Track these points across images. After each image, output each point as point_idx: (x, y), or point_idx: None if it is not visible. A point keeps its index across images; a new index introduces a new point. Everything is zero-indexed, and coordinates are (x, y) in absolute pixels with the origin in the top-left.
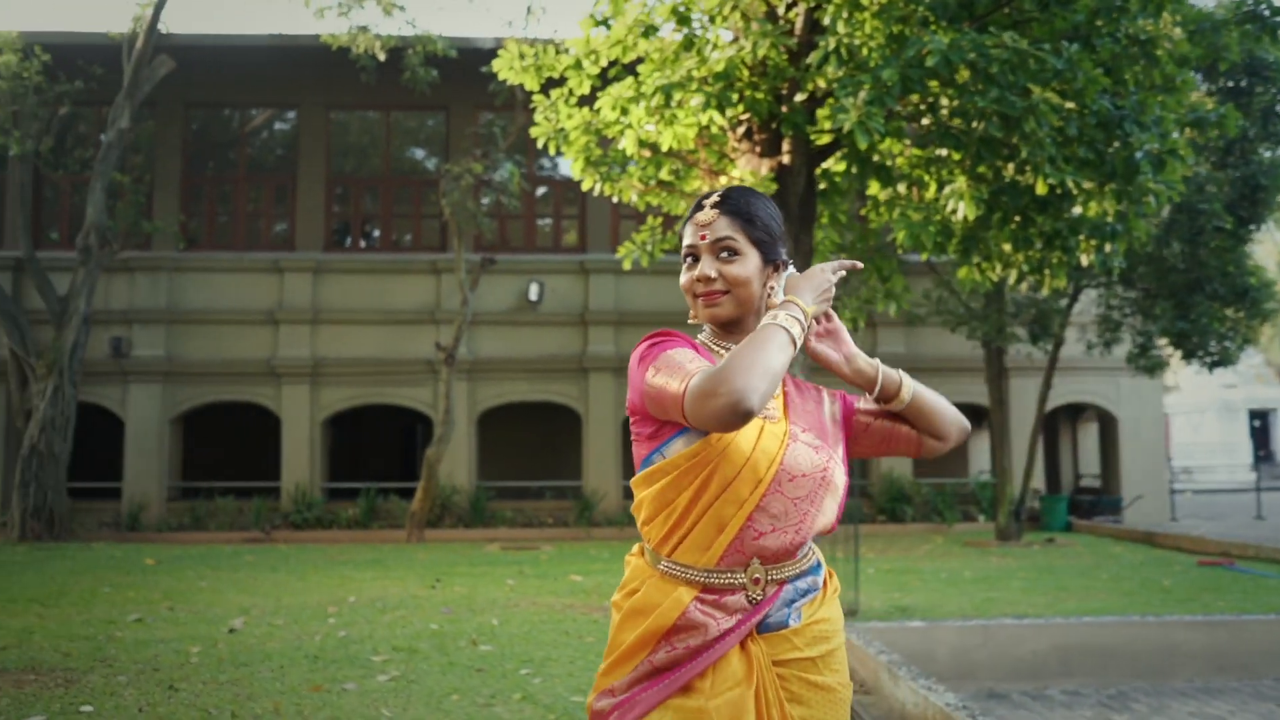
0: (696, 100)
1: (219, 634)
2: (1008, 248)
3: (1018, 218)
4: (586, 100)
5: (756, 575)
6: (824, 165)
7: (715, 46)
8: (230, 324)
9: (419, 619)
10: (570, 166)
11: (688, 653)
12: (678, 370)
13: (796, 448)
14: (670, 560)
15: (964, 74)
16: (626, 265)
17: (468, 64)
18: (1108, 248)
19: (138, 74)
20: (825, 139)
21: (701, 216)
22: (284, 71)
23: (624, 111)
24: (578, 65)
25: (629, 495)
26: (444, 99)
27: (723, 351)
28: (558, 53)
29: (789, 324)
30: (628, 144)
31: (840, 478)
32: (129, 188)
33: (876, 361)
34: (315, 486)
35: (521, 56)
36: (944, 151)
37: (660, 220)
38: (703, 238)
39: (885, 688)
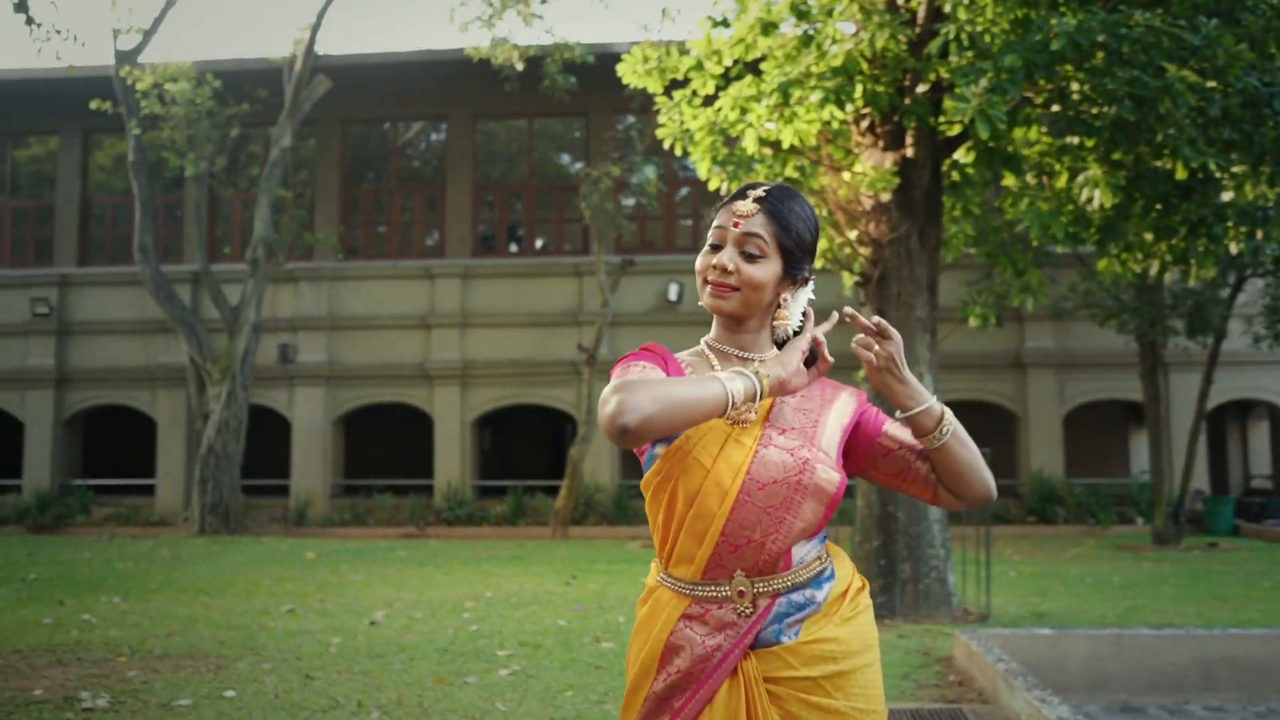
0: (816, 96)
1: (360, 626)
2: (1149, 237)
3: (1158, 205)
4: (710, 100)
5: (741, 588)
6: (953, 156)
7: (835, 40)
8: (386, 329)
9: (549, 615)
10: (697, 167)
11: (681, 677)
12: (624, 372)
13: (767, 453)
14: (665, 573)
15: (1098, 56)
16: None
17: (605, 69)
18: (1259, 234)
19: (298, 95)
20: (956, 129)
21: (740, 206)
22: (433, 85)
23: (743, 111)
24: (699, 66)
25: None
26: (583, 105)
27: (724, 351)
28: (681, 53)
29: (729, 380)
30: (748, 143)
31: (826, 476)
32: (292, 202)
33: (925, 399)
34: (466, 484)
35: (645, 60)
36: (1075, 139)
37: None
38: (735, 225)
39: (1001, 697)
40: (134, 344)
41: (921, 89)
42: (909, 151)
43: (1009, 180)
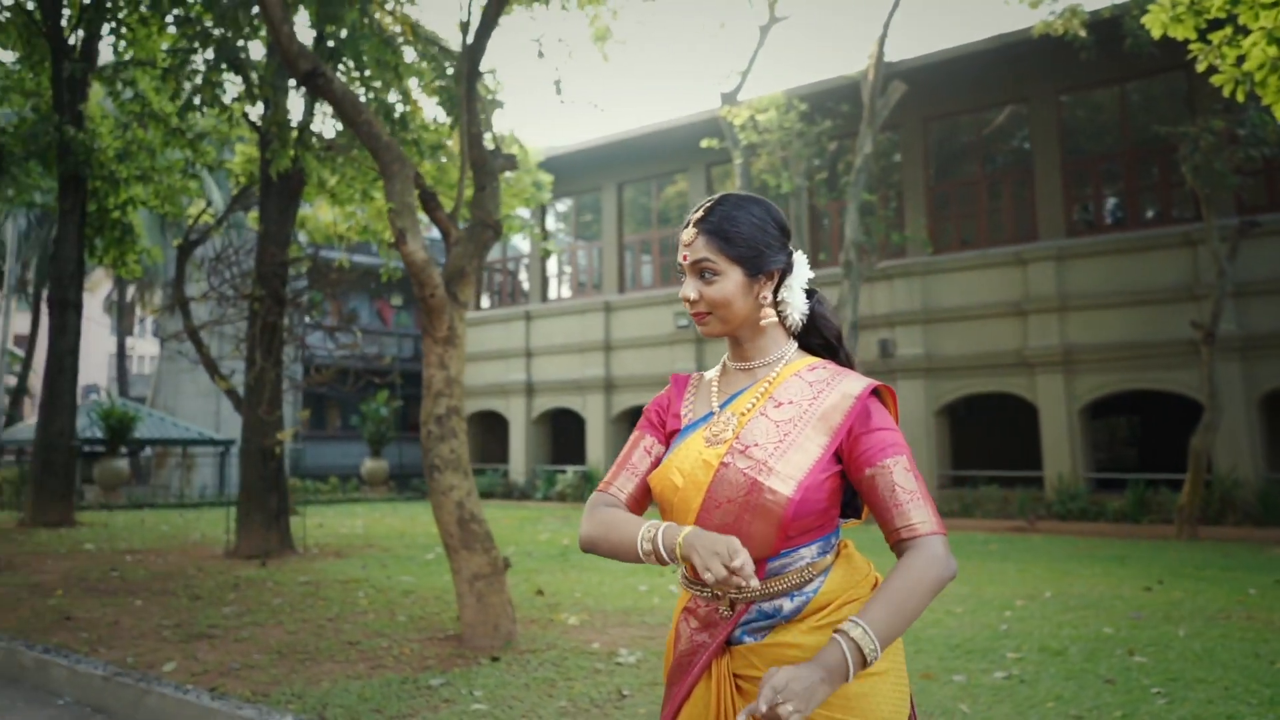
0: None
1: None
2: None
3: None
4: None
5: (718, 591)
6: None
7: None
8: (979, 319)
9: (1097, 620)
10: (1274, 111)
11: (675, 666)
12: (617, 460)
13: (727, 472)
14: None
15: None
16: None
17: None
18: None
19: (874, 103)
20: None
21: (684, 235)
22: (1007, 69)
23: (1274, 40)
24: None
25: None
26: (1180, 56)
27: (729, 369)
28: None
29: (646, 546)
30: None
31: (771, 498)
32: (878, 205)
33: (840, 677)
34: (1079, 477)
35: (1174, 5)
36: None
37: None
38: (684, 258)
39: None
40: None
41: None
42: None
43: None
